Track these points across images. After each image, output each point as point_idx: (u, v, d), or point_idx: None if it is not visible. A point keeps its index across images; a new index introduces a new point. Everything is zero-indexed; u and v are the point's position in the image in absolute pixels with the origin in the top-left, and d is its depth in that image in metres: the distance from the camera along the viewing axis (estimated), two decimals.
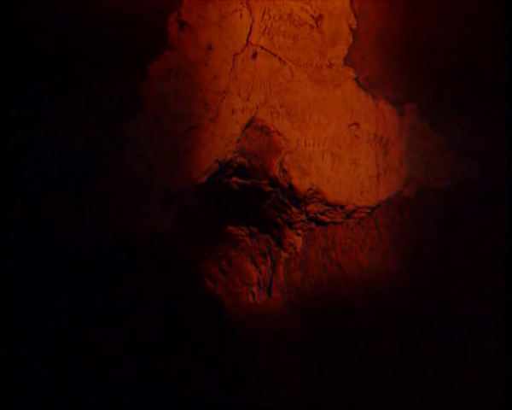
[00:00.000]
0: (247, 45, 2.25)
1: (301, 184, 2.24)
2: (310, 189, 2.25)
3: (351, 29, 2.26)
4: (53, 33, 2.17)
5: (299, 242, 2.27)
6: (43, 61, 2.17)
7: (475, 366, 2.04)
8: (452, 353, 2.07)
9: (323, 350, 2.15)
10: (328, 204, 2.25)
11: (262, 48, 2.26)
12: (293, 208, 2.27)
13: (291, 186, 2.25)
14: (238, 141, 2.26)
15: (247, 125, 2.26)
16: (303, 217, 2.28)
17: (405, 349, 2.10)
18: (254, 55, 2.24)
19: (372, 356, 2.11)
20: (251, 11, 2.25)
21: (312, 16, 2.26)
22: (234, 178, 2.29)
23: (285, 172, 2.25)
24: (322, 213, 2.27)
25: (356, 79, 2.26)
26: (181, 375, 2.08)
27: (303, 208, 2.27)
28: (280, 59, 2.26)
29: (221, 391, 2.08)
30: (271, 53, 2.26)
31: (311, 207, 2.27)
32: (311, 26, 2.27)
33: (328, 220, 2.27)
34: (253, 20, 2.25)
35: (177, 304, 2.17)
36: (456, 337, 2.08)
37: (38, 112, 2.16)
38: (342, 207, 2.24)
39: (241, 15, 2.25)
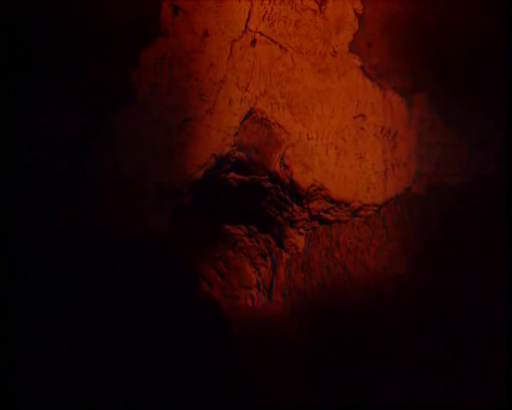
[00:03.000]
0: (245, 32, 2.20)
1: (303, 179, 2.22)
2: (313, 185, 2.22)
3: (356, 14, 2.22)
4: (38, 20, 2.12)
5: (301, 241, 2.26)
6: (26, 48, 2.11)
7: (485, 367, 2.04)
8: (462, 355, 2.07)
9: (327, 357, 2.12)
10: (332, 201, 2.23)
11: (261, 34, 2.21)
12: (295, 206, 2.25)
13: (292, 182, 2.22)
14: (236, 134, 2.23)
15: (246, 117, 2.22)
16: (305, 215, 2.26)
17: (414, 355, 2.09)
18: (253, 43, 2.20)
19: (379, 363, 2.09)
20: None
21: (315, 1, 2.21)
22: (231, 174, 2.26)
23: (286, 167, 2.22)
24: (326, 211, 2.25)
25: (362, 68, 2.22)
26: (175, 381, 2.06)
27: (305, 206, 2.24)
28: (281, 46, 2.21)
29: (219, 400, 2.06)
30: (271, 40, 2.21)
31: (313, 205, 2.24)
32: (314, 12, 2.21)
33: (332, 219, 2.25)
34: (251, 5, 2.19)
35: (171, 308, 2.13)
36: (467, 340, 2.08)
37: (20, 103, 2.10)
38: (347, 204, 2.22)
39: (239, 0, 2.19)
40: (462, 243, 2.14)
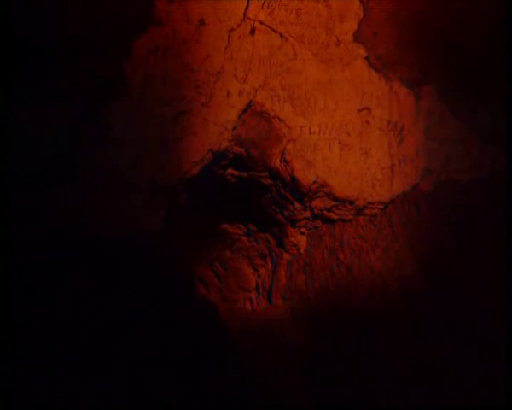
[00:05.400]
0: (244, 20, 2.18)
1: (305, 176, 2.19)
2: (315, 182, 2.20)
3: (361, 2, 2.19)
4: (25, 6, 2.09)
5: (302, 241, 2.26)
6: (13, 40, 2.08)
7: (494, 369, 2.01)
8: (470, 358, 2.04)
9: (329, 363, 2.08)
10: (335, 199, 2.21)
11: (261, 23, 2.19)
12: (296, 204, 2.23)
13: (294, 179, 2.20)
14: (234, 128, 2.20)
15: (245, 111, 2.21)
16: (307, 214, 2.25)
17: (420, 360, 2.05)
18: (252, 32, 2.18)
19: (383, 369, 2.06)
20: None
21: None
22: (229, 170, 2.25)
23: (287, 162, 2.20)
24: (329, 210, 2.23)
25: (367, 58, 2.21)
26: (172, 386, 2.03)
27: (307, 204, 2.23)
28: (281, 35, 2.20)
29: (218, 406, 2.03)
30: (271, 29, 2.20)
31: (316, 203, 2.23)
32: None
33: (335, 217, 2.24)
34: None
35: (166, 312, 2.10)
36: (475, 342, 2.05)
37: (7, 95, 2.07)
38: (351, 202, 2.20)
39: None
40: (472, 243, 2.11)
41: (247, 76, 2.19)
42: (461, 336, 2.05)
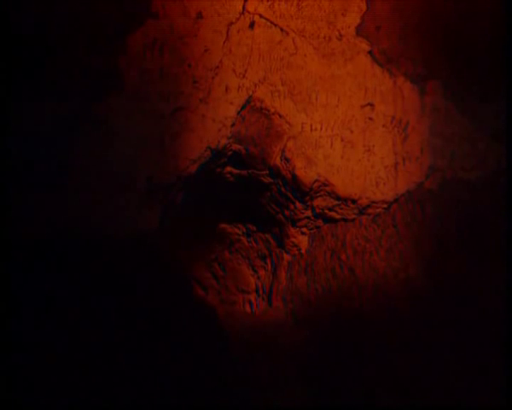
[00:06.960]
0: (243, 13, 2.17)
1: (306, 174, 2.19)
2: (316, 180, 2.19)
3: None
4: (22, 4, 2.07)
5: (303, 242, 2.26)
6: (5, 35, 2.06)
7: (493, 368, 2.00)
8: (471, 359, 2.03)
9: (331, 368, 2.07)
10: (337, 198, 2.21)
11: (261, 16, 2.18)
12: (297, 203, 2.24)
13: (295, 177, 2.19)
14: (233, 125, 2.20)
15: (244, 107, 2.20)
16: (308, 213, 2.25)
17: (423, 362, 2.03)
18: (252, 25, 2.18)
19: (386, 372, 2.04)
20: None
21: None
22: (228, 168, 2.25)
23: (288, 160, 2.20)
24: (331, 209, 2.23)
25: (370, 53, 2.20)
26: (169, 390, 2.01)
27: (308, 203, 2.22)
28: (282, 29, 2.19)
29: None
30: (272, 22, 2.19)
31: (317, 202, 2.22)
32: None
33: (337, 217, 2.23)
34: None
35: (163, 315, 2.09)
36: (477, 343, 2.04)
37: (8, 95, 2.07)
38: (354, 201, 2.19)
39: None
40: (478, 243, 2.09)
41: (246, 71, 2.18)
42: (464, 336, 2.03)
